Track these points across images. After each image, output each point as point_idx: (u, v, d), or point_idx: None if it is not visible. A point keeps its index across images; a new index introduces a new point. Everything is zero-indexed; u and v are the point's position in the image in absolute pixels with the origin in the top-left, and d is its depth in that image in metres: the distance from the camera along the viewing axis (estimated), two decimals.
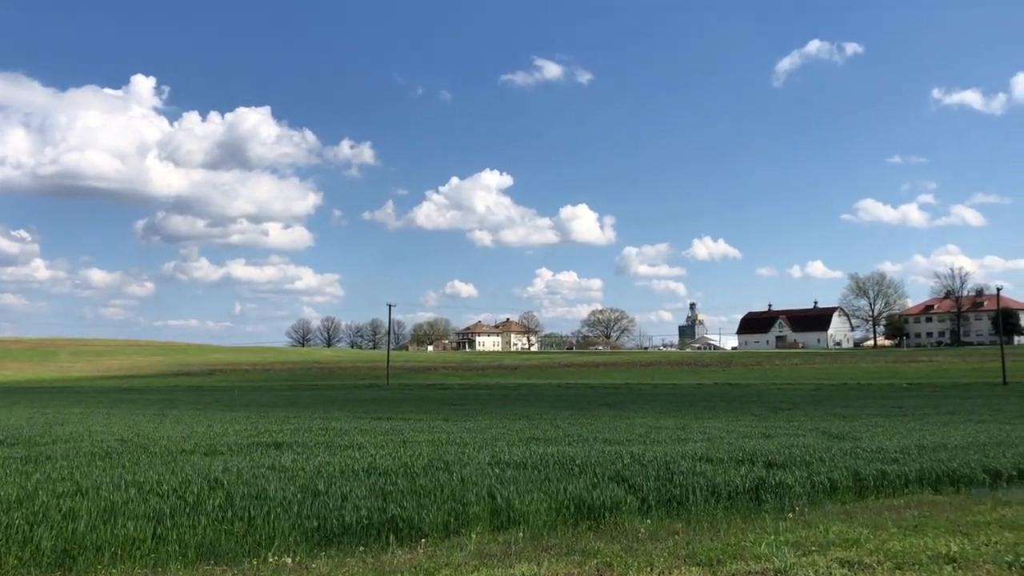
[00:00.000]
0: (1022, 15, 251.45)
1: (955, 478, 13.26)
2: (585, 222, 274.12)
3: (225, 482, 11.65)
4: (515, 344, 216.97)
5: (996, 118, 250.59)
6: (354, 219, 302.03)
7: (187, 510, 9.78)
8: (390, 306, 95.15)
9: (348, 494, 10.74)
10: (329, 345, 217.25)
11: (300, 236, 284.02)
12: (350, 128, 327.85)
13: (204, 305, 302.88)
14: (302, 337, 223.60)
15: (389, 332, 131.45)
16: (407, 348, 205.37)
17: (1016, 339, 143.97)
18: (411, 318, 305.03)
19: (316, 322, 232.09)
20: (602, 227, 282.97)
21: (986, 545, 8.63)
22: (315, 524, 9.40)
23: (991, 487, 12.99)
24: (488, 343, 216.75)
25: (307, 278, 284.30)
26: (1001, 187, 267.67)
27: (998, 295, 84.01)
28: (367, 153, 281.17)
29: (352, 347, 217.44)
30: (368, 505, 10.12)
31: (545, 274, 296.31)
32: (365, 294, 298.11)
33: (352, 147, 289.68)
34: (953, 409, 30.73)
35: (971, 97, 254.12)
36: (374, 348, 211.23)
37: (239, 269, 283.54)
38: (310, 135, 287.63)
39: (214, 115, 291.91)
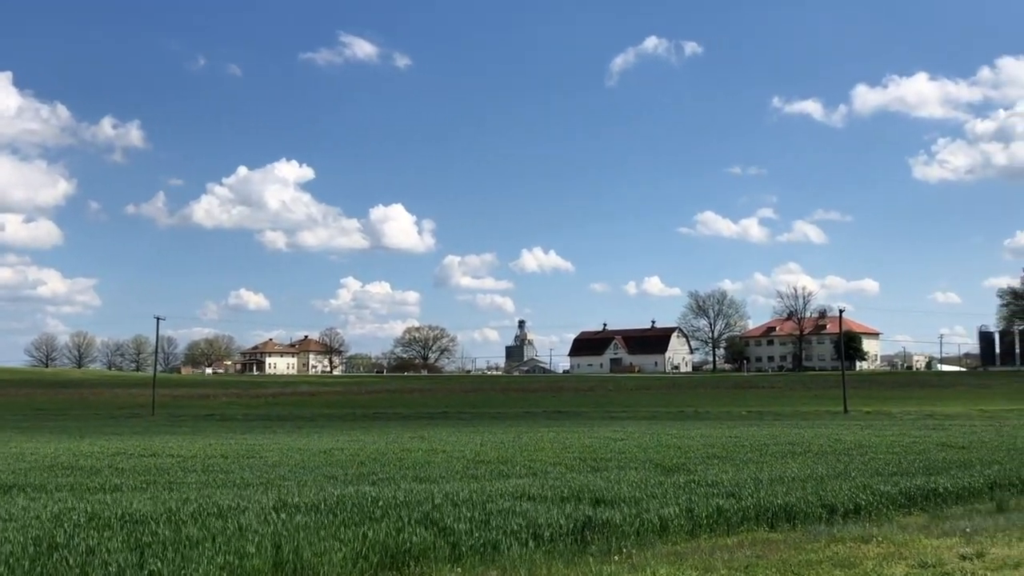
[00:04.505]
0: (863, 25, 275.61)
1: (792, 513, 14.28)
2: (400, 225, 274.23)
3: None
4: (314, 367, 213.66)
5: (836, 130, 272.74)
6: (115, 213, 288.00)
7: None
8: (158, 319, 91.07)
9: (95, 547, 10.46)
10: (80, 366, 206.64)
11: (46, 232, 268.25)
12: (113, 104, 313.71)
13: None
14: (46, 355, 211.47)
15: (156, 351, 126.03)
16: (179, 371, 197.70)
17: (858, 364, 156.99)
18: (185, 334, 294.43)
19: (64, 337, 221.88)
20: (420, 232, 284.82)
21: None
22: None
23: (827, 522, 14.07)
24: (281, 365, 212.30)
25: (53, 283, 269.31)
26: (842, 204, 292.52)
27: (840, 318, 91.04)
28: (134, 134, 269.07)
29: (110, 368, 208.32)
30: (120, 560, 9.89)
31: (352, 284, 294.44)
32: (127, 304, 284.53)
33: (115, 126, 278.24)
34: (792, 439, 33.03)
35: (811, 107, 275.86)
36: (137, 370, 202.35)
37: None
38: (63, 110, 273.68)
39: None
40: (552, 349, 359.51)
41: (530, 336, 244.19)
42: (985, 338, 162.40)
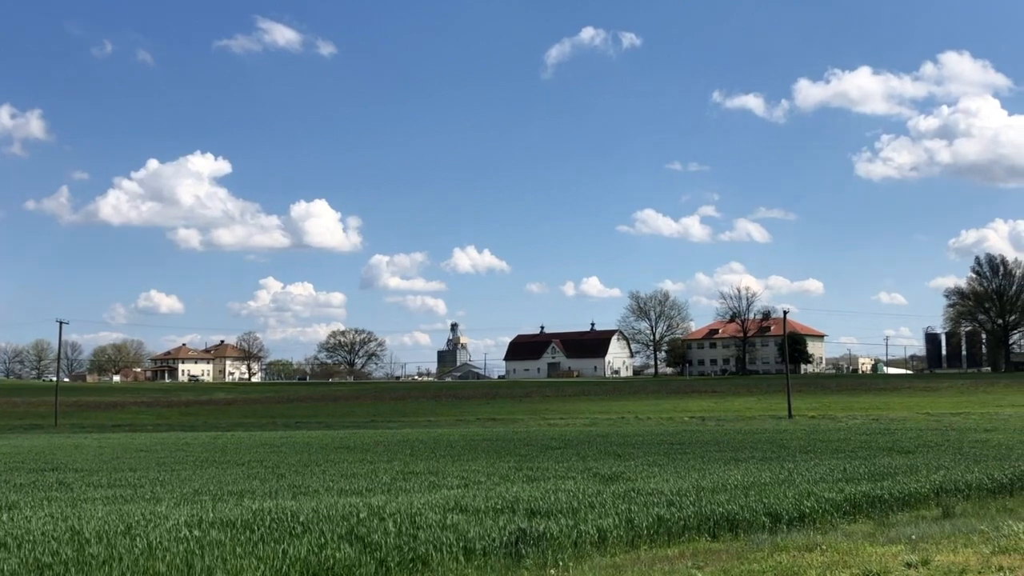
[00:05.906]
0: (805, 17, 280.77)
1: (735, 522, 14.49)
2: (323, 223, 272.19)
3: None
4: (231, 373, 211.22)
5: (779, 127, 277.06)
6: (14, 209, 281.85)
7: None
8: (61, 323, 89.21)
9: None
10: None
11: None
12: (12, 92, 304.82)
13: None
14: None
15: (59, 357, 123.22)
16: (85, 378, 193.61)
17: (803, 367, 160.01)
18: (91, 339, 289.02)
19: None
20: (345, 230, 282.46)
21: None
22: None
23: (771, 531, 14.30)
24: (195, 371, 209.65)
25: None
26: (785, 201, 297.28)
27: (784, 319, 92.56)
28: (35, 125, 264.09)
29: (8, 376, 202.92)
30: None
31: (272, 285, 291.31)
32: (27, 307, 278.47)
33: (14, 116, 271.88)
34: (736, 445, 33.56)
35: (753, 103, 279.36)
36: (39, 377, 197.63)
37: None
38: None
39: None
40: (487, 353, 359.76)
41: (464, 340, 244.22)
42: (931, 340, 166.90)
